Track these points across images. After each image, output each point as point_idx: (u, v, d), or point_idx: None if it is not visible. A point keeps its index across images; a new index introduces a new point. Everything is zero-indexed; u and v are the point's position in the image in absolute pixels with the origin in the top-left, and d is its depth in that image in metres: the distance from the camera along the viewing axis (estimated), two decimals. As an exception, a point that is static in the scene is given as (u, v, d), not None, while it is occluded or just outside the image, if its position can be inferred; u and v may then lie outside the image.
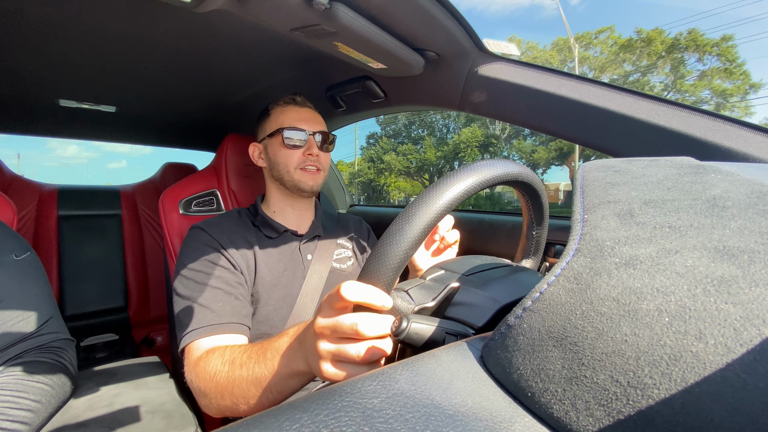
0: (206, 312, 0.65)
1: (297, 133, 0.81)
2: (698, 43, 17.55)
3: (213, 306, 0.66)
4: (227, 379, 0.52)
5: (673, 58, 18.56)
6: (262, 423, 0.21)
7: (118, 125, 1.56)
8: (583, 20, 53.56)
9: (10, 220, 0.87)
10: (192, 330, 0.64)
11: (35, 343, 0.67)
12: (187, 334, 0.64)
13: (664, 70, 19.07)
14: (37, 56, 0.92)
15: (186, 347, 0.64)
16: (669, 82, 18.98)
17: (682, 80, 18.44)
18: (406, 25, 0.71)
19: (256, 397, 0.49)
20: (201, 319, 0.65)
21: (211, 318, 0.65)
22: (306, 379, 0.45)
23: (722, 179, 0.28)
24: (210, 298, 0.67)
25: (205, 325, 0.64)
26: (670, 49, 18.39)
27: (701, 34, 17.49)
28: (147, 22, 0.79)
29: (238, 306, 0.69)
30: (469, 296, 0.41)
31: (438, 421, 0.21)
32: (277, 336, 0.50)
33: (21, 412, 0.57)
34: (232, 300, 0.69)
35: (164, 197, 1.00)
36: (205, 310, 0.66)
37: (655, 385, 0.19)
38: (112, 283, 1.64)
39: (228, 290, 0.70)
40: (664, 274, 0.22)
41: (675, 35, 18.17)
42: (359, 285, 0.35)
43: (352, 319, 0.36)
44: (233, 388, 0.51)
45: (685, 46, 18.02)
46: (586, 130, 0.68)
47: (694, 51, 17.91)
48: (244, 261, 0.76)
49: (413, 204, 0.34)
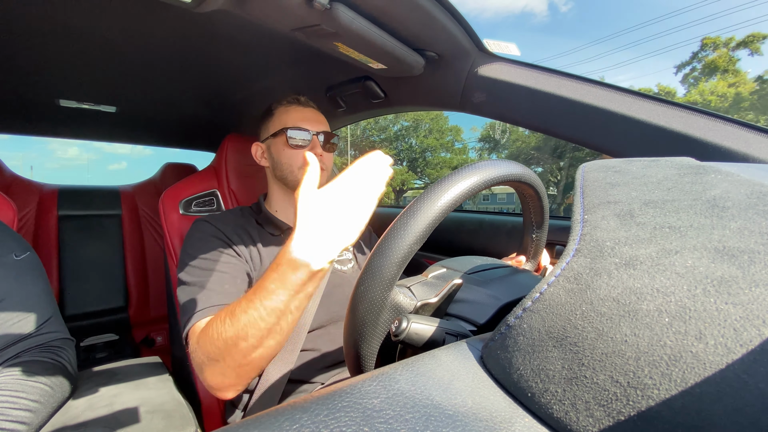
0: (211, 293, 0.64)
1: (301, 133, 0.81)
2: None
3: (218, 288, 0.66)
4: (236, 329, 0.51)
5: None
6: (263, 423, 0.21)
7: (118, 125, 1.56)
8: (571, 27, 53.85)
9: (11, 220, 0.87)
10: (196, 311, 0.61)
11: (35, 343, 0.67)
12: (192, 316, 0.61)
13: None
14: (37, 56, 0.92)
15: (190, 329, 0.61)
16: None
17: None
18: (407, 25, 0.71)
19: (272, 328, 0.50)
20: (205, 301, 0.63)
21: (215, 298, 0.63)
22: (317, 280, 0.49)
23: (722, 180, 0.28)
24: (215, 281, 0.67)
25: (210, 306, 0.62)
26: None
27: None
28: (147, 23, 0.79)
29: (243, 290, 0.69)
30: (471, 293, 0.41)
31: (438, 421, 0.21)
32: (261, 278, 0.52)
33: (20, 412, 0.57)
34: (238, 282, 0.69)
35: (164, 197, 1.00)
36: (210, 292, 0.64)
37: (655, 385, 0.19)
38: (112, 283, 1.64)
39: (234, 274, 0.70)
40: (664, 275, 0.22)
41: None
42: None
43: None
44: (247, 333, 0.50)
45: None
46: (586, 131, 0.68)
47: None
48: (249, 253, 0.76)
49: (417, 201, 0.35)
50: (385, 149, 26.15)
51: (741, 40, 19.81)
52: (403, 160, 25.67)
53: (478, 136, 25.74)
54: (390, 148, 25.55)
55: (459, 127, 25.56)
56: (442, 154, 25.44)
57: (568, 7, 58.69)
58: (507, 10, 65.50)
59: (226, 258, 0.71)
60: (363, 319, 0.35)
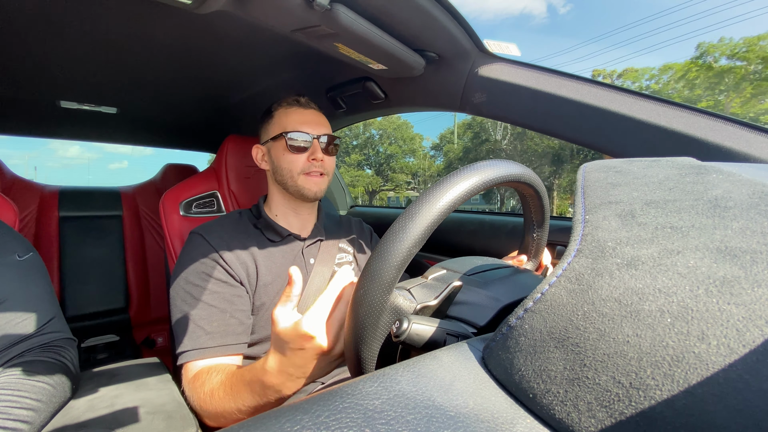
0: (200, 333, 0.68)
1: (302, 137, 0.79)
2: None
3: (206, 326, 0.68)
4: (221, 406, 0.57)
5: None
6: (263, 425, 0.21)
7: (118, 126, 1.56)
8: (570, 28, 54.47)
9: (12, 222, 0.87)
10: (185, 351, 0.67)
11: (37, 343, 0.67)
12: (182, 354, 0.67)
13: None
14: (38, 58, 0.92)
15: (183, 364, 0.67)
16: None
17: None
18: (407, 26, 0.71)
19: (245, 415, 0.55)
20: (195, 340, 0.67)
21: (203, 340, 0.67)
22: (279, 395, 0.50)
23: (724, 179, 0.28)
24: (204, 318, 0.69)
25: (198, 348, 0.67)
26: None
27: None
28: (148, 24, 0.79)
29: (233, 324, 0.70)
30: (471, 295, 0.41)
31: (439, 422, 0.21)
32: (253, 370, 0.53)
33: (22, 410, 0.57)
34: (226, 318, 0.70)
35: (165, 199, 1.00)
36: (199, 331, 0.68)
37: (657, 386, 0.19)
38: (113, 284, 1.65)
39: (223, 308, 0.70)
40: (666, 275, 0.22)
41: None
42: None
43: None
44: (227, 415, 0.56)
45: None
46: (587, 131, 0.68)
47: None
48: (244, 270, 0.75)
49: (416, 203, 0.34)
50: (356, 154, 28.23)
51: (620, 72, 22.86)
52: (372, 165, 29.56)
53: (430, 145, 30.03)
54: (360, 154, 28.85)
55: (421, 135, 29.55)
56: (406, 158, 29.39)
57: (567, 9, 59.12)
58: (506, 11, 65.96)
59: (217, 286, 0.71)
60: (363, 322, 0.35)
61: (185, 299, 0.70)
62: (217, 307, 0.70)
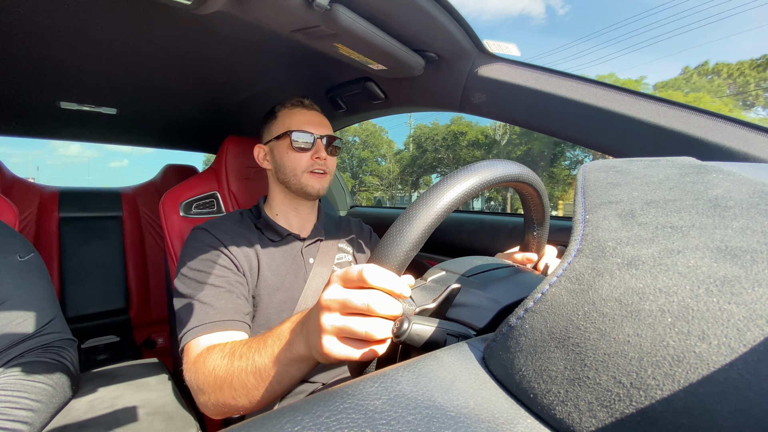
0: (207, 309, 0.65)
1: (305, 136, 0.81)
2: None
3: (214, 303, 0.66)
4: (226, 371, 0.52)
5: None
6: (264, 425, 0.21)
7: (118, 127, 1.56)
8: (569, 28, 54.76)
9: (12, 223, 0.87)
10: (192, 327, 0.63)
11: (38, 343, 0.68)
12: (188, 332, 0.63)
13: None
14: (37, 59, 0.92)
15: (186, 345, 0.63)
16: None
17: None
18: (407, 26, 0.71)
19: (255, 388, 0.49)
20: (202, 317, 0.64)
21: (212, 315, 0.64)
22: (305, 367, 0.45)
23: (724, 179, 0.28)
24: (211, 296, 0.67)
25: (206, 322, 0.63)
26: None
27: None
28: (148, 24, 0.79)
29: (240, 304, 0.69)
30: (470, 297, 0.41)
31: (440, 422, 0.21)
32: (278, 324, 0.49)
33: (22, 411, 0.57)
34: (233, 298, 0.69)
35: (165, 199, 1.00)
36: (207, 307, 0.65)
37: (658, 386, 0.19)
38: (113, 284, 1.65)
39: (229, 288, 0.70)
40: (666, 275, 0.22)
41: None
42: (382, 270, 0.35)
43: (366, 295, 0.35)
44: (232, 380, 0.51)
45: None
46: (587, 131, 0.68)
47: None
48: (247, 263, 0.76)
49: (414, 205, 0.35)
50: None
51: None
52: (346, 168, 32.46)
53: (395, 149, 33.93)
54: (338, 158, 32.01)
55: (392, 141, 33.71)
56: (378, 160, 33.06)
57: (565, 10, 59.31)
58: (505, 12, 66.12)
59: (222, 271, 0.71)
60: None
61: (190, 285, 0.69)
62: (224, 288, 0.69)
